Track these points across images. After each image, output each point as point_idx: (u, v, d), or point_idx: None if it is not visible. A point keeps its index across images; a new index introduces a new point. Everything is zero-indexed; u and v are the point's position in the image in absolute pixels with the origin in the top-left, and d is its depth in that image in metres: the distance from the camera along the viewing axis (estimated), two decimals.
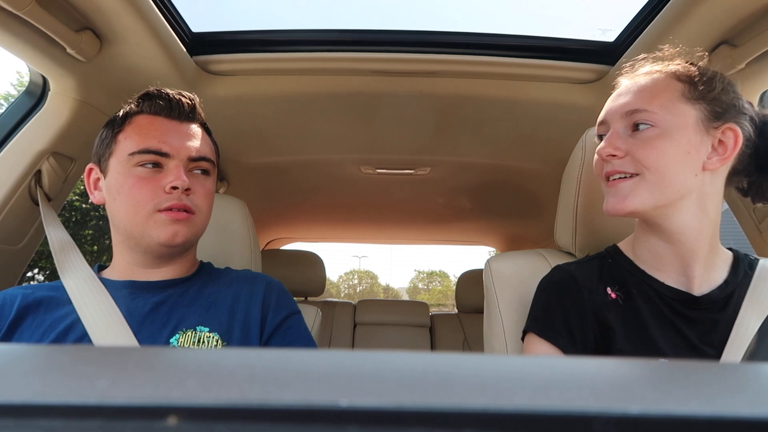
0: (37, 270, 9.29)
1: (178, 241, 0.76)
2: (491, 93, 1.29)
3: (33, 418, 0.14)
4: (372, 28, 1.20)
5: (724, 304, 0.71)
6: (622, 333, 0.71)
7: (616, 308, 0.74)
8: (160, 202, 0.75)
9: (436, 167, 1.80)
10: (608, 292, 0.76)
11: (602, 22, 18.98)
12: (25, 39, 0.91)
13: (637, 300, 0.73)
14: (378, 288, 38.95)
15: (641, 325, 0.71)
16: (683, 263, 0.73)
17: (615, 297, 0.75)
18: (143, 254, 0.79)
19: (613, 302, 0.74)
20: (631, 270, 0.77)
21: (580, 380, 0.18)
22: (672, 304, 0.72)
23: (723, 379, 0.19)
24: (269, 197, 2.19)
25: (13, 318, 0.73)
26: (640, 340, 0.70)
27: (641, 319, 0.72)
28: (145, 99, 0.81)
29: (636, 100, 0.70)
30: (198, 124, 0.84)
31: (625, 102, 0.71)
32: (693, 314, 0.71)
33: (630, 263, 0.77)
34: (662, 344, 0.69)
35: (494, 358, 0.21)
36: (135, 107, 0.81)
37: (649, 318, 0.71)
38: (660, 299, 0.72)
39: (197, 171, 0.81)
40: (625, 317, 0.73)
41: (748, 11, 0.89)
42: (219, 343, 0.75)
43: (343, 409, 0.14)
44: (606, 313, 0.73)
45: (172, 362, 0.20)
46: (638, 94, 0.70)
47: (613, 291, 0.76)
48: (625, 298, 0.74)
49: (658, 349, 0.69)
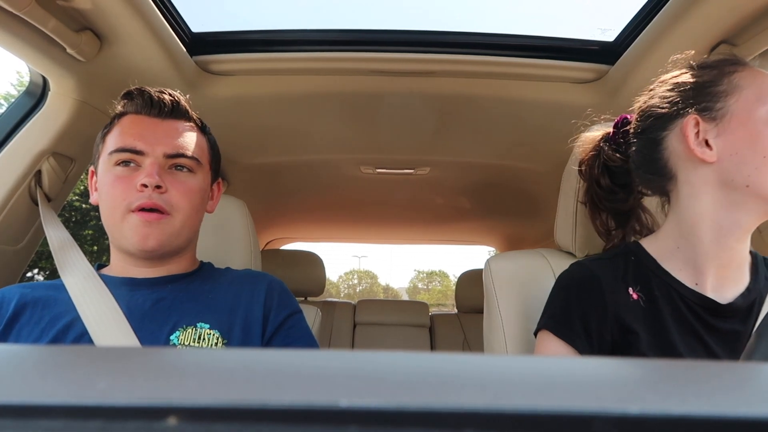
0: (37, 270, 9.29)
1: (149, 245, 0.75)
2: (491, 92, 1.28)
3: (33, 419, 0.14)
4: (372, 27, 1.20)
5: (746, 314, 0.69)
6: (643, 337, 0.69)
7: (638, 310, 0.71)
8: (132, 201, 0.74)
9: (436, 167, 1.80)
10: (630, 293, 0.73)
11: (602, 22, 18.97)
12: (25, 39, 0.91)
13: (659, 302, 0.71)
14: (378, 288, 38.97)
15: (663, 330, 0.69)
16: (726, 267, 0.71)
17: (637, 298, 0.72)
18: (130, 255, 0.79)
19: (634, 303, 0.72)
20: (655, 270, 0.74)
21: (580, 380, 0.18)
22: (696, 310, 0.70)
23: (722, 379, 0.19)
24: (269, 197, 2.19)
25: (10, 315, 0.73)
26: (661, 346, 0.68)
27: (663, 323, 0.69)
28: (127, 98, 0.81)
29: None
30: (185, 121, 0.83)
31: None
32: (716, 323, 0.69)
33: (654, 263, 0.75)
34: (683, 351, 0.67)
35: (494, 358, 0.21)
36: (121, 108, 0.82)
37: (671, 323, 0.69)
38: (684, 303, 0.70)
39: (177, 168, 0.79)
40: (646, 320, 0.70)
41: (748, 10, 0.89)
42: (219, 340, 0.75)
43: (342, 409, 0.14)
44: (626, 314, 0.71)
45: (172, 362, 0.20)
46: None
47: (635, 291, 0.73)
48: (647, 300, 0.72)
49: (679, 355, 0.67)
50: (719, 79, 0.71)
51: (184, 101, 0.84)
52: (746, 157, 0.66)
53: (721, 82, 0.71)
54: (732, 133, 0.68)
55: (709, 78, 0.72)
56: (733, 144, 0.68)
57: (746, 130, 0.67)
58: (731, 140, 0.68)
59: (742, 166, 0.66)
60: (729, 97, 0.69)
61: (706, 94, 0.71)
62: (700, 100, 0.71)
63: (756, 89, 0.68)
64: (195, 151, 0.81)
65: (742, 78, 0.69)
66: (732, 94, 0.69)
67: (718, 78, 0.71)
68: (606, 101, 1.23)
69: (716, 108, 0.70)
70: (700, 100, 0.71)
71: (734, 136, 0.68)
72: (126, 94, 0.82)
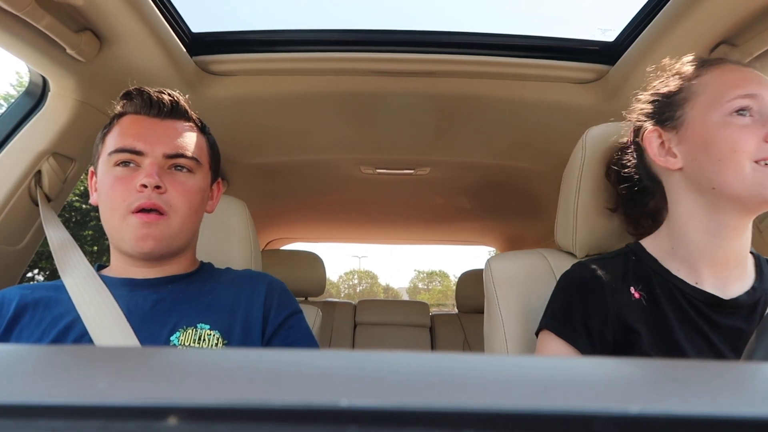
0: (37, 270, 9.30)
1: (147, 247, 0.74)
2: (491, 93, 1.28)
3: (33, 419, 0.14)
4: (372, 28, 1.20)
5: (751, 310, 0.69)
6: (645, 336, 0.69)
7: (640, 309, 0.71)
8: (131, 201, 0.74)
9: (436, 167, 1.80)
10: (632, 292, 0.73)
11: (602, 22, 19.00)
12: (25, 39, 0.91)
13: (661, 301, 0.71)
14: (378, 288, 38.98)
15: (666, 328, 0.69)
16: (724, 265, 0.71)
17: (638, 297, 0.72)
18: (129, 257, 0.79)
19: (636, 303, 0.72)
20: (656, 269, 0.74)
21: (580, 380, 0.18)
22: (698, 306, 0.70)
23: (723, 379, 0.19)
24: (269, 197, 2.19)
25: (11, 317, 0.73)
26: (665, 344, 0.68)
27: (666, 321, 0.70)
28: (126, 99, 0.81)
29: None
30: (184, 121, 0.83)
31: None
32: (719, 319, 0.69)
33: (655, 262, 0.75)
34: (688, 348, 0.67)
35: (494, 358, 0.21)
36: (121, 108, 0.82)
37: (673, 320, 0.69)
38: (686, 300, 0.70)
39: (177, 168, 0.79)
40: (648, 319, 0.71)
41: (748, 11, 0.89)
42: (219, 341, 0.75)
43: (343, 409, 0.14)
44: (629, 314, 0.71)
45: (173, 362, 0.20)
46: None
47: (636, 291, 0.73)
48: (648, 299, 0.72)
49: (683, 352, 0.67)
50: (681, 87, 0.73)
51: (183, 101, 0.84)
52: (703, 162, 0.69)
53: (681, 90, 0.73)
54: (689, 140, 0.70)
55: (674, 87, 0.74)
56: (691, 150, 0.70)
57: (700, 136, 0.69)
58: (689, 147, 0.70)
59: (702, 171, 0.69)
60: (686, 104, 0.71)
61: (668, 104, 0.74)
62: (662, 111, 0.74)
63: (711, 94, 0.70)
64: (194, 151, 0.81)
65: (702, 83, 0.71)
66: (689, 101, 0.71)
67: (680, 86, 0.73)
68: (606, 101, 1.23)
69: (676, 116, 0.72)
70: (662, 111, 0.74)
71: (690, 142, 0.70)
72: (125, 94, 0.82)
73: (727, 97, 0.67)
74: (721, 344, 0.68)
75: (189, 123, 0.84)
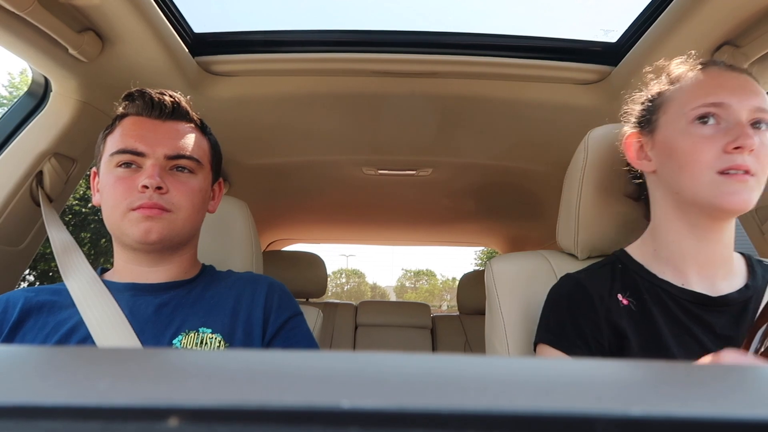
0: (37, 270, 9.31)
1: (152, 238, 0.75)
2: (493, 94, 1.28)
3: (34, 420, 0.14)
4: (374, 28, 1.20)
5: (741, 309, 0.69)
6: (635, 341, 0.70)
7: (629, 315, 0.72)
8: (132, 201, 0.74)
9: (438, 168, 1.80)
10: (619, 299, 0.74)
11: (605, 23, 19.07)
12: (27, 40, 0.91)
13: (649, 305, 0.71)
14: (365, 287, 38.95)
15: (655, 332, 0.69)
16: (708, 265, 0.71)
17: (627, 303, 0.73)
18: (133, 252, 0.79)
19: (625, 309, 0.72)
20: (642, 274, 0.75)
21: (581, 382, 0.18)
22: (687, 306, 0.70)
23: (724, 380, 0.19)
24: (271, 198, 2.19)
25: (15, 320, 0.73)
26: (655, 348, 0.68)
27: (655, 325, 0.70)
28: (128, 100, 0.82)
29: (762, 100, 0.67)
30: (185, 122, 0.83)
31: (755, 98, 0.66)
32: (709, 318, 0.69)
33: (640, 267, 0.76)
34: (677, 352, 0.67)
35: (496, 359, 0.21)
36: (123, 109, 0.82)
37: (662, 325, 0.69)
38: (674, 302, 0.70)
39: (178, 169, 0.79)
40: (638, 324, 0.71)
41: (751, 12, 0.89)
42: (221, 344, 0.76)
43: (344, 410, 0.14)
44: (619, 320, 0.71)
45: (174, 363, 0.20)
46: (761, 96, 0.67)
47: (624, 297, 0.74)
48: (637, 304, 0.72)
49: (671, 356, 0.67)
50: (660, 92, 0.75)
51: (184, 102, 0.84)
52: (667, 166, 0.71)
53: (660, 95, 0.74)
54: (657, 145, 0.73)
55: (654, 91, 0.76)
56: (659, 155, 0.72)
57: (666, 142, 0.71)
58: (658, 151, 0.73)
59: (668, 175, 0.71)
60: (660, 110, 0.73)
61: (649, 108, 0.76)
62: (643, 115, 0.77)
63: (680, 100, 0.71)
64: (195, 151, 0.81)
65: (678, 89, 0.72)
66: (662, 107, 0.73)
67: (660, 90, 0.75)
68: (609, 102, 1.23)
69: (652, 121, 0.74)
70: (643, 115, 0.77)
71: (659, 147, 0.72)
72: (127, 95, 0.82)
73: (692, 104, 0.68)
74: (711, 344, 0.68)
75: (190, 124, 0.84)
